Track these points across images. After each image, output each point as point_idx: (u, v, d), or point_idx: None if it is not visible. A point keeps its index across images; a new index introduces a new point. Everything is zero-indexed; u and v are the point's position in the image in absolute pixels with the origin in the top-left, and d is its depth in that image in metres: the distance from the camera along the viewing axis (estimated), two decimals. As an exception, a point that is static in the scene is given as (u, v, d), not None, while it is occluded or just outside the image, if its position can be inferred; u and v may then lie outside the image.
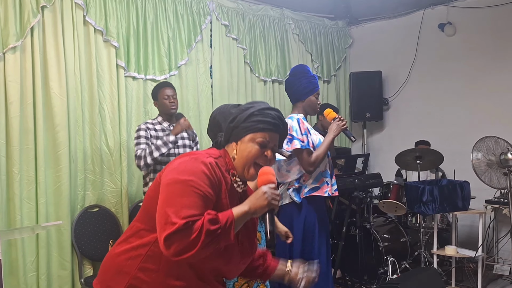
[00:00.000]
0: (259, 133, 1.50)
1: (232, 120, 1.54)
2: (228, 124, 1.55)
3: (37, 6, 3.12)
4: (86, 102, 3.45)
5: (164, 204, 1.33)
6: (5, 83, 3.01)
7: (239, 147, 1.51)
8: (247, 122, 1.51)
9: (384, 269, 3.96)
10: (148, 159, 3.00)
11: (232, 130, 1.53)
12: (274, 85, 4.85)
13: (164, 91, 3.24)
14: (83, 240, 3.33)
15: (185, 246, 1.27)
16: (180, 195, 1.32)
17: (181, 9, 4.04)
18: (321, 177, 2.91)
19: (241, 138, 1.51)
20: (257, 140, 1.50)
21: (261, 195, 1.40)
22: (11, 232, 2.64)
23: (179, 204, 1.31)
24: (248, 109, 1.53)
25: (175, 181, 1.35)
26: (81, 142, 3.38)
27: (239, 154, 1.51)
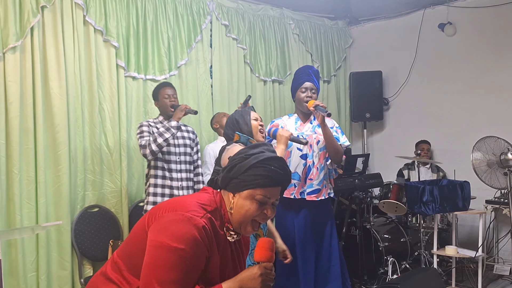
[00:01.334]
0: (259, 190, 1.39)
1: (230, 168, 1.43)
2: (226, 173, 1.44)
3: (37, 6, 3.12)
4: (86, 102, 3.45)
5: (150, 270, 1.27)
6: (5, 83, 3.01)
7: (236, 201, 1.40)
8: (247, 175, 1.39)
9: (384, 269, 3.96)
10: (153, 146, 2.99)
11: (230, 180, 1.42)
12: (274, 85, 4.85)
13: (164, 90, 3.24)
14: (83, 240, 3.33)
15: None
16: (168, 266, 1.26)
17: (181, 9, 4.04)
18: None
19: (239, 192, 1.40)
20: (257, 198, 1.39)
21: (255, 277, 1.33)
22: (11, 232, 2.63)
23: (167, 278, 1.25)
24: (249, 159, 1.41)
25: (165, 247, 1.27)
26: (81, 142, 3.38)
27: (236, 209, 1.40)
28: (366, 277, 3.86)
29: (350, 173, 4.13)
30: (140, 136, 3.08)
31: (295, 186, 2.92)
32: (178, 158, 3.17)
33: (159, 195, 3.09)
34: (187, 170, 3.22)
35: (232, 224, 1.43)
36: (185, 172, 3.20)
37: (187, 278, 1.28)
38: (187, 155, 3.23)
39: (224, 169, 1.47)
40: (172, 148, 3.15)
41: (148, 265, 1.29)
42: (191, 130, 3.36)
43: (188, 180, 3.22)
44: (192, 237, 1.28)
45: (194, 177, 3.31)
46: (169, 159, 3.13)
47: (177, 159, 3.16)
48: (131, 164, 3.66)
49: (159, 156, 3.10)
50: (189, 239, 1.28)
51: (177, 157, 3.17)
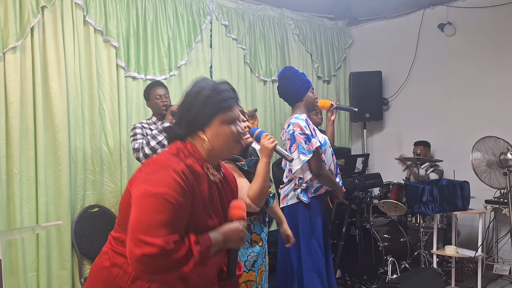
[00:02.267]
0: (224, 113, 1.45)
1: (188, 110, 1.45)
2: (187, 115, 1.45)
3: (37, 6, 3.12)
4: (86, 102, 3.45)
5: (137, 218, 1.26)
6: (5, 83, 3.01)
7: (209, 135, 1.44)
8: (209, 106, 1.44)
9: (384, 269, 3.96)
10: (146, 149, 2.99)
11: (195, 119, 1.44)
12: (274, 85, 4.85)
13: (155, 90, 3.21)
14: (83, 240, 3.33)
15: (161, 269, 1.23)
16: (153, 210, 1.25)
17: (181, 9, 4.04)
18: None
19: (208, 125, 1.44)
20: (227, 120, 1.45)
21: (237, 232, 1.41)
22: (11, 232, 2.64)
23: (153, 221, 1.24)
24: (200, 93, 1.45)
25: (147, 194, 1.28)
26: (81, 142, 3.38)
27: (213, 141, 1.44)
28: (366, 277, 3.86)
29: (349, 173, 4.13)
30: (134, 139, 3.07)
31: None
32: None
33: None
34: None
35: (211, 160, 1.46)
36: None
37: (174, 222, 1.26)
38: None
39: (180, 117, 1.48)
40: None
41: (134, 215, 1.28)
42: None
43: None
44: (173, 180, 1.29)
45: None
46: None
47: None
48: (131, 164, 3.66)
49: None
50: (170, 183, 1.29)
51: None
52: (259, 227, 2.30)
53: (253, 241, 2.24)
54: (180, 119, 1.48)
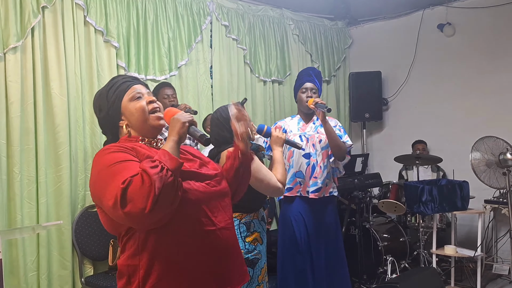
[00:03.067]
0: (126, 93, 1.49)
1: (100, 110, 1.51)
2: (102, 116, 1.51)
3: (37, 7, 3.13)
4: (87, 102, 3.45)
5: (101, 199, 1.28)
6: (5, 83, 3.02)
7: (126, 119, 1.49)
8: (110, 98, 1.49)
9: (384, 269, 3.97)
10: None
11: (108, 115, 1.49)
12: (274, 85, 4.86)
13: (163, 90, 3.26)
14: (83, 240, 3.33)
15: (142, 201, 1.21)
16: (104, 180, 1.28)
17: (181, 10, 4.05)
18: (294, 178, 2.94)
19: (120, 112, 1.49)
20: (131, 97, 1.49)
21: (175, 122, 1.42)
22: (11, 232, 2.64)
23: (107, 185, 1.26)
24: (102, 92, 1.52)
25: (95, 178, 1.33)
26: (82, 142, 3.39)
27: (131, 122, 1.49)
28: (366, 277, 3.87)
29: (349, 173, 4.14)
30: None
31: (300, 184, 2.94)
32: None
33: None
34: None
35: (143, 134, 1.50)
36: None
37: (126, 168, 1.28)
38: None
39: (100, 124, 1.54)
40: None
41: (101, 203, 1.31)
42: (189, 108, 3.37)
43: None
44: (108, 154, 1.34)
45: None
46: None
47: None
48: (131, 164, 3.66)
49: None
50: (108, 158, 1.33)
51: None
52: (259, 224, 2.30)
53: (255, 240, 2.25)
54: (101, 126, 1.54)
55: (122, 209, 1.21)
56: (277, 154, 2.33)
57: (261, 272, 2.25)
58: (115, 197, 1.22)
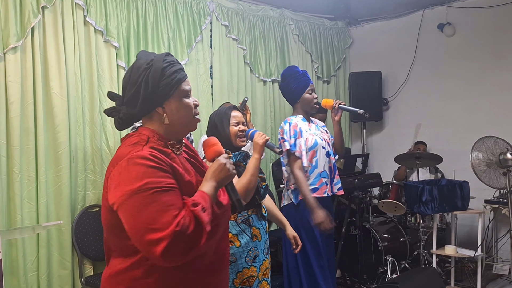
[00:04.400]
0: (182, 86, 1.36)
1: (144, 86, 1.32)
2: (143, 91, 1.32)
3: (37, 6, 3.13)
4: (87, 102, 3.45)
5: (134, 223, 1.18)
6: (5, 83, 3.02)
7: (168, 110, 1.34)
8: (165, 79, 1.32)
9: (384, 269, 3.97)
10: None
11: (151, 95, 1.32)
12: (274, 85, 4.86)
13: None
14: (83, 240, 3.33)
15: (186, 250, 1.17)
16: (143, 206, 1.17)
17: (181, 10, 4.05)
18: (319, 178, 2.92)
19: (167, 99, 1.34)
20: (186, 93, 1.37)
21: (222, 167, 1.34)
22: (11, 232, 2.64)
23: (150, 217, 1.16)
24: (152, 65, 1.33)
25: (129, 194, 1.19)
26: (82, 142, 3.39)
27: (174, 117, 1.35)
28: (366, 277, 3.87)
29: (349, 173, 4.14)
30: None
31: (326, 184, 2.94)
32: None
33: None
34: None
35: (172, 135, 1.38)
36: None
37: (169, 203, 1.20)
38: None
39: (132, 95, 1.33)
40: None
41: (129, 222, 1.19)
42: None
43: None
44: (145, 168, 1.21)
45: None
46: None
47: None
48: (131, 164, 3.66)
49: None
50: (143, 172, 1.21)
51: None
52: (258, 221, 2.28)
53: (253, 235, 2.24)
54: (131, 97, 1.34)
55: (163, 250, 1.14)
56: (250, 161, 2.09)
57: (260, 269, 2.24)
58: (161, 237, 1.14)
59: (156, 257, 1.16)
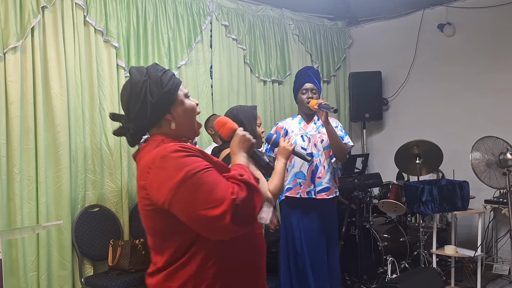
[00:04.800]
0: (181, 89, 1.43)
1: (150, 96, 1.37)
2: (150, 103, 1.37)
3: (37, 7, 3.13)
4: (87, 102, 3.46)
5: (192, 209, 1.23)
6: (5, 83, 3.02)
7: (175, 114, 1.40)
8: (166, 86, 1.38)
9: (384, 269, 3.97)
10: None
11: (158, 105, 1.37)
12: (274, 86, 4.85)
13: None
14: (83, 240, 3.33)
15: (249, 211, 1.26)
16: (195, 191, 1.23)
17: (181, 10, 4.05)
18: (294, 178, 2.93)
19: (172, 105, 1.40)
20: (186, 92, 1.45)
21: (244, 138, 1.45)
22: (11, 232, 2.65)
23: (204, 197, 1.22)
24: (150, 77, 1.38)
25: (177, 186, 1.24)
26: (82, 142, 3.39)
27: (181, 120, 1.41)
28: (366, 277, 3.87)
29: (349, 173, 4.14)
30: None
31: (300, 185, 2.93)
32: None
33: None
34: None
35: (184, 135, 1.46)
36: None
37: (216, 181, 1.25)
38: None
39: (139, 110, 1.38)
40: None
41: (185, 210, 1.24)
42: None
43: None
44: (182, 157, 1.27)
45: None
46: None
47: None
48: (131, 163, 3.66)
49: None
50: (182, 161, 1.26)
51: None
52: None
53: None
54: (139, 112, 1.39)
55: (230, 221, 1.20)
56: (278, 165, 2.19)
57: None
58: (223, 210, 1.20)
59: (226, 230, 1.22)
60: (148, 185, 1.31)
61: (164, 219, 1.31)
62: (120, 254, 3.27)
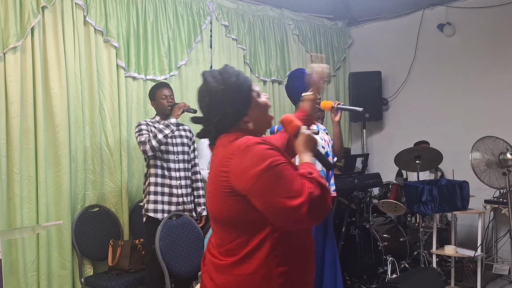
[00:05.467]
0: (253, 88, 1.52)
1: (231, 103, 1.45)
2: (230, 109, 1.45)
3: (37, 7, 3.13)
4: (86, 102, 3.46)
5: (272, 197, 1.31)
6: (5, 83, 3.02)
7: (252, 115, 1.49)
8: (243, 90, 1.47)
9: (384, 269, 3.97)
10: (153, 141, 3.02)
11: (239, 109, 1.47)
12: (274, 85, 4.86)
13: (161, 91, 3.25)
14: (83, 240, 3.33)
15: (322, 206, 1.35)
16: (276, 181, 1.32)
17: (181, 10, 4.05)
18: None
19: (250, 107, 1.48)
20: (257, 93, 1.52)
21: (309, 137, 1.51)
22: (11, 232, 2.64)
23: (284, 187, 1.31)
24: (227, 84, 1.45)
25: (259, 174, 1.32)
26: (81, 142, 3.39)
27: (256, 120, 1.50)
28: (365, 277, 3.87)
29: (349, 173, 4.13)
30: (139, 134, 3.10)
31: None
32: (176, 157, 3.20)
33: (159, 193, 3.13)
34: (185, 168, 3.24)
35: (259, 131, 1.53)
36: (183, 170, 3.23)
37: (293, 175, 1.34)
38: (185, 154, 3.25)
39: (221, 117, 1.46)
40: (170, 147, 3.18)
41: (265, 197, 1.32)
42: (188, 128, 3.38)
43: (187, 178, 3.25)
44: (264, 149, 1.36)
45: (192, 175, 3.34)
46: (168, 158, 3.16)
47: (175, 158, 3.19)
48: (131, 163, 3.67)
49: (158, 156, 3.12)
50: (265, 153, 1.35)
51: (175, 156, 3.19)
52: None
53: None
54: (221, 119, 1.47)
55: (308, 211, 1.29)
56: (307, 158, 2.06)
57: None
58: (301, 201, 1.29)
59: (301, 221, 1.31)
60: (230, 170, 1.38)
61: (237, 204, 1.38)
62: (120, 254, 3.27)
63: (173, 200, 3.16)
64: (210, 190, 1.48)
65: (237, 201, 1.38)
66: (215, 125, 1.49)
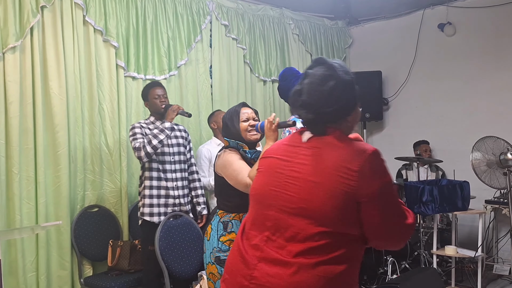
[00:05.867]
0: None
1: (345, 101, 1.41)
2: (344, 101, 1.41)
3: (36, 6, 3.12)
4: (86, 102, 3.45)
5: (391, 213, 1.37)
6: (4, 83, 3.01)
7: (354, 115, 1.47)
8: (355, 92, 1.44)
9: (384, 269, 3.96)
10: (148, 148, 2.99)
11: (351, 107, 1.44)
12: (273, 85, 4.84)
13: (154, 91, 3.22)
14: (82, 240, 3.33)
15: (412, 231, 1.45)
16: (395, 196, 1.39)
17: (181, 9, 4.04)
18: None
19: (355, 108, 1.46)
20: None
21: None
22: (10, 232, 2.63)
23: (399, 205, 1.39)
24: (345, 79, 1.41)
25: (386, 185, 1.36)
26: (81, 142, 3.38)
27: (353, 123, 1.49)
28: (366, 277, 3.86)
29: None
30: (133, 139, 3.06)
31: None
32: (172, 158, 3.17)
33: (154, 196, 3.10)
34: (181, 169, 3.23)
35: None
36: (180, 171, 3.21)
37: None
38: (181, 155, 3.23)
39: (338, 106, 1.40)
40: (166, 149, 3.15)
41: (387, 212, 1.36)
42: (183, 129, 3.37)
43: (183, 179, 3.23)
44: (385, 164, 1.39)
45: (189, 175, 3.32)
46: (163, 160, 3.13)
47: (171, 159, 3.17)
48: (130, 164, 3.66)
49: (154, 157, 3.09)
50: (386, 167, 1.39)
51: (171, 157, 3.17)
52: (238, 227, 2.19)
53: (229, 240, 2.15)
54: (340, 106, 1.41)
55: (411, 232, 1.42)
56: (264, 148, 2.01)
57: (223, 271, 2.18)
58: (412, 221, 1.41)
59: (407, 239, 1.44)
60: (360, 170, 1.32)
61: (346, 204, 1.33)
62: (119, 254, 3.26)
63: (169, 202, 3.14)
64: (317, 181, 1.35)
65: (347, 200, 1.33)
66: (328, 114, 1.40)
